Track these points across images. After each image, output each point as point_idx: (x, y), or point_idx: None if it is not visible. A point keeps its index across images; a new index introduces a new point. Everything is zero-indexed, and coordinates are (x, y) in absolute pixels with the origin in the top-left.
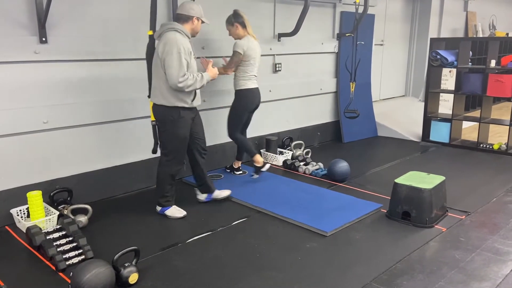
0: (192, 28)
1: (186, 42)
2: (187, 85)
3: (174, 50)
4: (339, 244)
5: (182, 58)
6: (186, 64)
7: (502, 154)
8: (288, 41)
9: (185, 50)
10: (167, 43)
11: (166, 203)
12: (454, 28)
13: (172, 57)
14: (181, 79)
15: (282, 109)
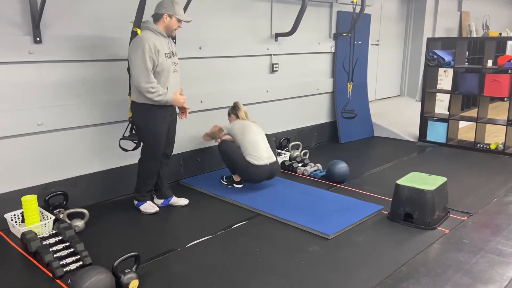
0: (165, 26)
1: (157, 41)
2: (149, 91)
3: (139, 49)
4: (341, 247)
5: (147, 57)
6: (151, 64)
7: (499, 154)
8: (285, 41)
9: (152, 49)
10: (134, 42)
11: (141, 198)
12: (449, 28)
13: (136, 56)
14: (145, 84)
15: (279, 109)
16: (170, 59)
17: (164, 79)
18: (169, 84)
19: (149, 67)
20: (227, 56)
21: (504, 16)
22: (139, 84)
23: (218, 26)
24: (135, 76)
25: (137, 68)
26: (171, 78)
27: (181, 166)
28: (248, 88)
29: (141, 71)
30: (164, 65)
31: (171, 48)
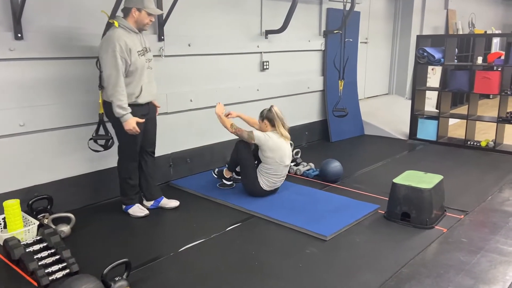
0: (134, 21)
1: (128, 38)
2: (115, 96)
3: (109, 49)
4: (340, 249)
5: (118, 59)
6: (124, 65)
7: (490, 151)
8: (275, 38)
9: (123, 48)
10: (104, 40)
11: (129, 201)
12: (435, 26)
13: (106, 56)
14: (113, 87)
15: None
16: (143, 56)
17: (137, 78)
18: (143, 83)
19: (120, 69)
20: (217, 54)
21: (489, 14)
22: (107, 86)
23: (207, 22)
24: (104, 77)
25: (107, 69)
26: (145, 77)
27: (170, 167)
28: (239, 86)
29: (111, 73)
30: (137, 64)
31: (144, 44)
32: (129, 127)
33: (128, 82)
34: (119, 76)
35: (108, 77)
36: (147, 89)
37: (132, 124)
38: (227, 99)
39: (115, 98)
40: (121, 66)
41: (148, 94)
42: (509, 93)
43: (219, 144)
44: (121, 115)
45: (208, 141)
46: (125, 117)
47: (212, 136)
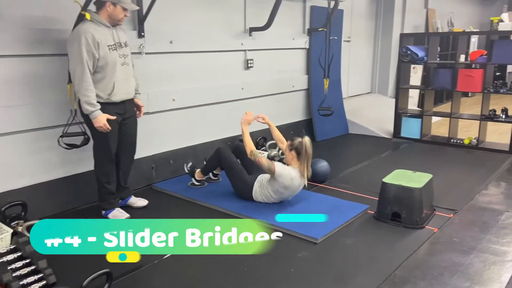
0: (108, 15)
1: (97, 32)
2: (80, 92)
3: (75, 43)
4: (332, 252)
5: (83, 52)
6: (91, 59)
7: (473, 149)
8: (259, 36)
9: (90, 42)
10: (72, 34)
11: (108, 205)
12: (416, 25)
13: (72, 50)
14: (79, 82)
15: (255, 107)
16: (115, 51)
17: (109, 74)
18: (117, 79)
19: (86, 64)
20: (200, 51)
21: (467, 13)
22: (73, 81)
23: (190, 19)
24: (71, 72)
25: (72, 63)
26: (119, 73)
27: (152, 170)
28: (223, 85)
29: (76, 68)
30: (107, 59)
31: (117, 38)
32: (99, 124)
33: (99, 78)
34: (84, 70)
35: (73, 71)
36: (121, 86)
37: (102, 121)
38: (211, 98)
39: (81, 94)
40: (87, 60)
41: (123, 91)
42: (492, 90)
43: (202, 144)
44: (90, 111)
45: (191, 141)
46: (94, 113)
47: (196, 136)
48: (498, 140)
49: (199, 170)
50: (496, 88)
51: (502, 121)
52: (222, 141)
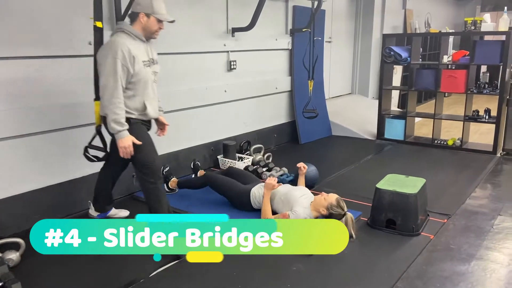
0: (142, 27)
1: (132, 45)
2: (111, 110)
3: (110, 55)
4: (327, 263)
5: (118, 67)
6: (125, 75)
7: (457, 150)
8: (242, 36)
9: (126, 56)
10: (105, 47)
11: None
12: (395, 25)
13: (105, 63)
14: (110, 98)
15: (239, 110)
16: (149, 67)
17: (141, 91)
18: (147, 97)
19: (120, 79)
20: (181, 53)
21: (442, 14)
22: (102, 97)
23: (175, 18)
24: (101, 86)
25: (104, 78)
26: (150, 91)
27: (133, 178)
28: (205, 87)
29: (107, 83)
30: (141, 75)
31: (151, 54)
32: (123, 145)
33: (129, 95)
34: (117, 86)
35: (104, 87)
36: (152, 105)
37: (128, 142)
38: (194, 101)
39: (110, 111)
40: (121, 75)
41: (153, 110)
42: (475, 91)
43: (185, 150)
44: (116, 130)
45: (174, 147)
46: (121, 133)
47: (178, 142)
48: (479, 140)
49: (175, 179)
50: (479, 89)
51: (485, 121)
52: (205, 146)
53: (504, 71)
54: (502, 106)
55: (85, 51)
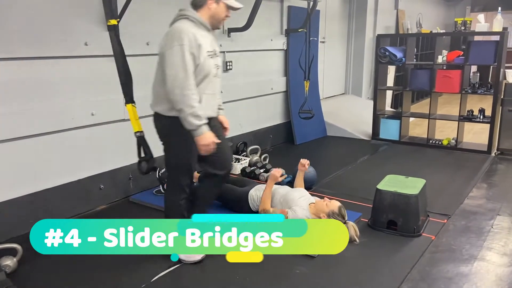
0: (210, 15)
1: (198, 33)
2: (185, 102)
3: (175, 43)
4: (330, 266)
5: (186, 54)
6: (193, 63)
7: (452, 150)
8: (238, 37)
9: (192, 43)
10: (168, 34)
11: None
12: (387, 26)
13: (171, 53)
14: (181, 90)
15: (235, 111)
16: (212, 59)
17: (204, 85)
18: (209, 92)
19: (189, 68)
20: None
21: (433, 14)
22: (172, 91)
23: (167, 19)
24: (168, 80)
25: (172, 68)
26: (211, 85)
27: (130, 181)
28: None
29: (177, 73)
30: (205, 67)
31: (214, 45)
32: (206, 142)
33: None
34: (188, 76)
35: (173, 79)
36: (209, 102)
37: (212, 138)
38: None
39: (185, 105)
40: (190, 64)
41: (210, 108)
42: (469, 91)
43: None
44: (196, 126)
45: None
46: (201, 129)
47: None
48: (473, 140)
49: None
50: (473, 89)
51: (480, 121)
52: None
53: (499, 71)
54: (497, 106)
55: (81, 52)
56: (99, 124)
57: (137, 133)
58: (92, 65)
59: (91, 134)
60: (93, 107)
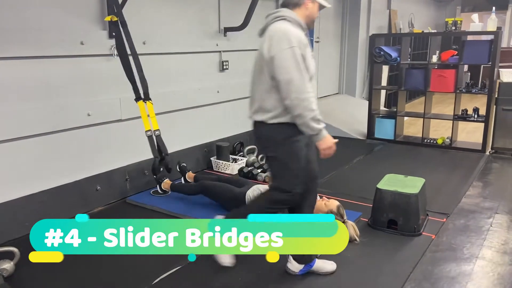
0: (306, 15)
1: (300, 35)
2: (301, 106)
3: (285, 46)
4: None
5: (298, 55)
6: (303, 63)
7: (446, 149)
8: (233, 36)
9: (300, 44)
10: (273, 38)
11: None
12: (380, 26)
13: (281, 56)
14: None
15: (231, 111)
16: (313, 60)
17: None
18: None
19: (303, 69)
20: (174, 53)
21: (424, 14)
22: (288, 95)
23: (163, 18)
24: (283, 85)
25: (286, 73)
26: (313, 87)
27: (126, 182)
28: (199, 88)
29: (292, 77)
30: (310, 67)
31: None
32: (327, 145)
33: None
34: (303, 78)
35: (288, 83)
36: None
37: (331, 140)
38: (187, 102)
39: (305, 109)
40: (303, 66)
41: None
42: (464, 90)
43: (177, 152)
44: (318, 130)
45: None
46: (323, 132)
47: (171, 144)
48: (467, 139)
49: (168, 181)
50: (467, 88)
51: (474, 120)
52: (198, 147)
53: (493, 70)
54: (491, 105)
55: (77, 51)
56: (95, 124)
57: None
58: (88, 65)
59: (88, 135)
60: (90, 108)
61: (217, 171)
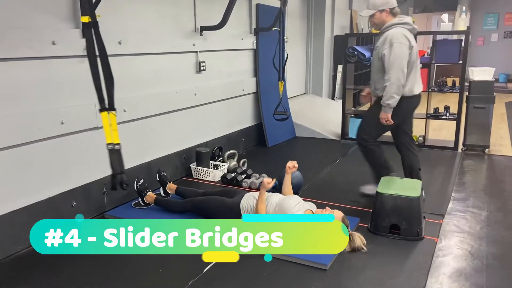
0: None
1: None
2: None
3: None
4: (345, 279)
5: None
6: None
7: (420, 147)
8: (210, 36)
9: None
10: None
11: None
12: (343, 26)
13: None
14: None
15: (209, 114)
16: None
17: None
18: None
19: None
20: (150, 53)
21: None
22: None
23: (139, 16)
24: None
25: None
26: None
27: (104, 195)
28: (176, 91)
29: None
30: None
31: None
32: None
33: None
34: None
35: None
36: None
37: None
38: (164, 106)
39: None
40: None
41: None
42: (436, 89)
43: (156, 160)
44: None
45: (145, 158)
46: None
47: (149, 151)
48: (434, 136)
49: (152, 194)
50: (439, 87)
51: (446, 118)
52: (177, 154)
53: (464, 69)
54: (462, 103)
55: (48, 52)
56: (69, 133)
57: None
58: (61, 67)
59: (61, 146)
60: (63, 115)
61: (197, 179)
